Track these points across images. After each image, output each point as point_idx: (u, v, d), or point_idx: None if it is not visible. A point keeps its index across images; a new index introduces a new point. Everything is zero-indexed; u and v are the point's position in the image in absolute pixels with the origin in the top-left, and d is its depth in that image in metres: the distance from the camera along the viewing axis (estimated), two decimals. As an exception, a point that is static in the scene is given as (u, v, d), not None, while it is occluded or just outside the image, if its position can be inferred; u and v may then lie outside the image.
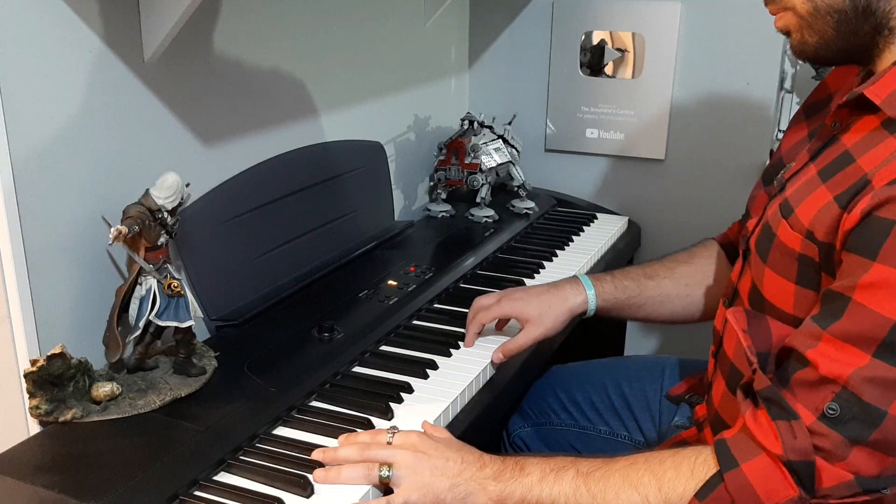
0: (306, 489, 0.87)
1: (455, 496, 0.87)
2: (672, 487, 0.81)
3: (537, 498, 0.86)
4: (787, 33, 0.90)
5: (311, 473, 0.89)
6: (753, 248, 0.94)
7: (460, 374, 1.12)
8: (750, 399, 0.82)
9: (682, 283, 1.19)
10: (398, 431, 0.93)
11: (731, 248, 1.20)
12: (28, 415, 0.95)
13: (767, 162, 1.07)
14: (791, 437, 0.75)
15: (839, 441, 0.74)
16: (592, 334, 1.54)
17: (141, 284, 1.01)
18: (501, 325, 1.23)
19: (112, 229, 0.94)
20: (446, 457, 0.90)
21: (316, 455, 0.92)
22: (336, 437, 0.96)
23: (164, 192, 0.99)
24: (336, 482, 0.88)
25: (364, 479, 0.88)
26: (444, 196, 1.77)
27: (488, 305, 1.18)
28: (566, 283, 1.19)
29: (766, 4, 0.91)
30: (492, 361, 1.15)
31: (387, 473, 0.88)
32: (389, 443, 0.92)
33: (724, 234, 1.23)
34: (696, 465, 0.81)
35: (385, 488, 0.89)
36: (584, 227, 1.74)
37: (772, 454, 0.76)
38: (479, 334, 1.20)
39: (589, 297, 1.17)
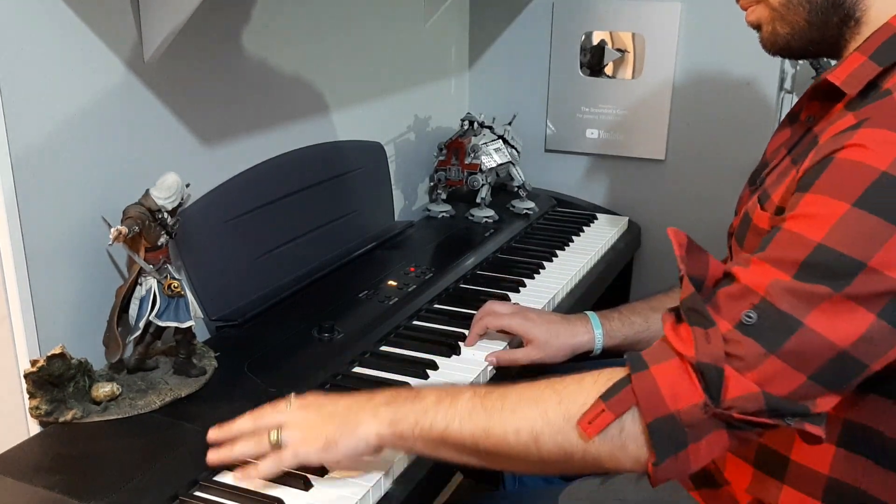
0: (306, 488, 0.87)
1: (344, 431, 0.84)
2: (573, 399, 0.79)
3: (431, 421, 0.82)
4: (757, 27, 0.93)
5: (311, 473, 0.89)
6: (734, 241, 0.95)
7: (460, 374, 1.12)
8: (672, 314, 0.82)
9: None
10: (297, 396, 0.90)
11: None
12: (28, 415, 0.95)
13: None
14: (705, 342, 0.75)
15: (752, 349, 0.73)
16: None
17: (141, 285, 1.01)
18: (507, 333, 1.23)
19: (112, 229, 0.94)
20: (335, 403, 0.87)
21: (212, 434, 0.88)
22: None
23: (164, 193, 0.99)
24: (229, 459, 0.86)
25: (255, 448, 0.85)
26: (444, 196, 1.77)
27: (500, 314, 1.19)
28: (577, 319, 1.20)
29: (737, 0, 0.93)
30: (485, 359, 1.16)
31: (275, 437, 0.84)
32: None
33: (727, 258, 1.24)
34: (600, 377, 0.79)
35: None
36: (584, 228, 1.74)
37: (684, 357, 0.76)
38: (482, 336, 1.21)
39: (596, 336, 1.18)
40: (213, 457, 0.86)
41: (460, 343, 1.20)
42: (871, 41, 0.83)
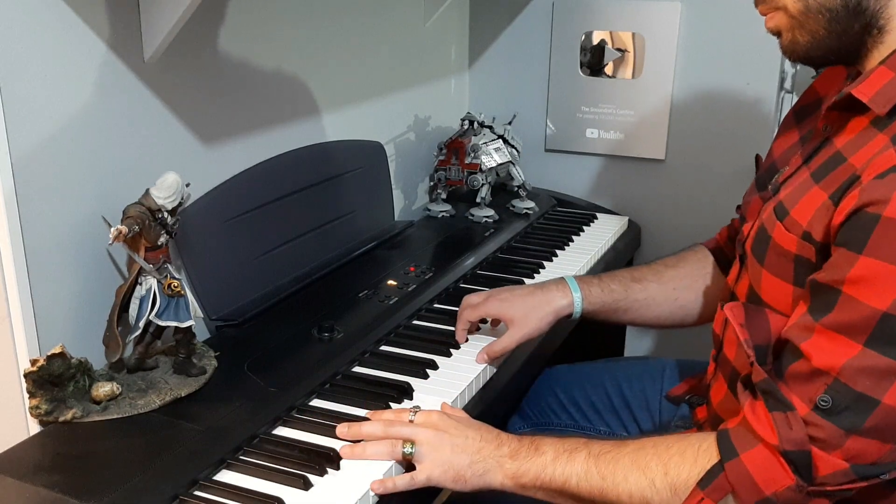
0: (306, 488, 0.87)
1: (474, 472, 0.91)
2: (677, 473, 0.84)
3: (550, 476, 0.89)
4: (777, 34, 0.91)
5: (311, 473, 0.89)
6: (749, 251, 0.94)
7: (460, 374, 1.12)
8: (749, 391, 0.84)
9: (669, 287, 1.19)
10: (420, 410, 0.97)
11: (720, 253, 1.20)
12: (28, 415, 0.95)
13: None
14: (787, 429, 0.77)
15: (834, 431, 0.75)
16: (592, 335, 1.54)
17: (141, 284, 1.01)
18: (496, 323, 1.23)
19: (112, 229, 0.94)
20: (466, 435, 0.93)
21: (340, 431, 0.96)
22: (336, 438, 0.96)
23: (164, 192, 0.99)
24: (362, 458, 0.93)
25: (388, 455, 0.92)
26: (444, 196, 1.77)
27: (475, 304, 1.18)
28: (552, 284, 1.18)
29: (756, 5, 0.91)
30: (476, 362, 1.15)
31: (410, 450, 0.92)
32: (412, 421, 0.95)
33: (713, 240, 1.24)
34: (700, 452, 0.83)
35: (407, 465, 0.93)
36: (584, 227, 1.74)
37: (769, 444, 0.78)
38: (470, 331, 1.21)
39: (575, 299, 1.16)
40: (346, 452, 0.93)
41: (460, 343, 1.20)
42: None
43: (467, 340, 1.20)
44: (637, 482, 0.85)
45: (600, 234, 1.71)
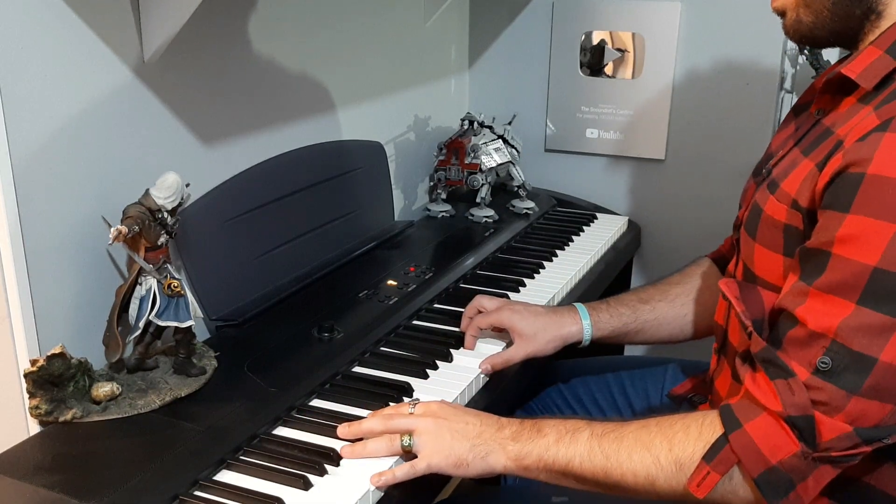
0: (306, 488, 0.87)
1: (476, 455, 0.90)
2: (682, 448, 0.83)
3: (553, 458, 0.88)
4: (782, 13, 0.94)
5: (311, 473, 0.89)
6: (743, 231, 0.96)
7: (461, 373, 1.12)
8: (748, 365, 0.85)
9: (677, 304, 1.20)
10: (419, 402, 0.97)
11: (724, 260, 1.21)
12: (28, 415, 0.95)
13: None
14: (789, 394, 0.77)
15: (835, 393, 0.76)
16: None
17: (141, 284, 1.01)
18: (500, 329, 1.23)
19: (112, 229, 0.94)
20: (465, 420, 0.93)
21: (341, 431, 0.95)
22: (336, 438, 0.96)
23: (164, 192, 0.99)
24: (362, 456, 0.92)
25: (387, 450, 0.92)
26: (444, 196, 1.77)
27: (487, 310, 1.19)
28: (565, 310, 1.20)
29: None
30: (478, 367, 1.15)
31: (408, 441, 0.91)
32: (412, 413, 0.95)
33: (716, 251, 1.24)
34: (704, 426, 0.83)
35: (409, 458, 0.92)
36: (584, 227, 1.74)
37: (772, 412, 0.79)
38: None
39: (584, 327, 1.18)
40: (347, 452, 0.92)
41: (461, 342, 1.19)
42: (887, 35, 0.84)
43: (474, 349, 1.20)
44: (642, 460, 0.84)
45: (600, 234, 1.71)
